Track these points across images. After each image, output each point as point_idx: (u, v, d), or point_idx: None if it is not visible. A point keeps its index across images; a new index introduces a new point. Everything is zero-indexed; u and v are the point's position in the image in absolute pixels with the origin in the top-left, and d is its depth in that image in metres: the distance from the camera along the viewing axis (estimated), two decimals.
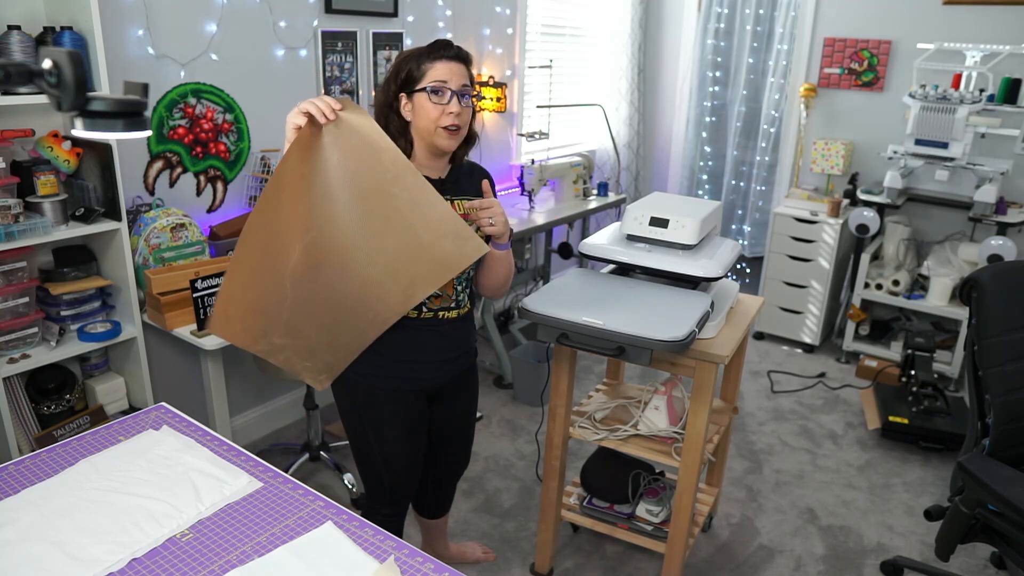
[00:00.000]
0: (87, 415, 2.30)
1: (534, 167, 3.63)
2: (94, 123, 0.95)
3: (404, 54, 1.66)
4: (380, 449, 1.80)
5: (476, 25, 3.66)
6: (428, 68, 1.62)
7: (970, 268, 3.68)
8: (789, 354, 4.06)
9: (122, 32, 2.32)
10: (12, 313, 2.10)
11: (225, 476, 1.43)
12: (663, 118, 5.00)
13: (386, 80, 1.67)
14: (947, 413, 3.10)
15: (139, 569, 1.20)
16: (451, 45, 1.65)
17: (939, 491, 2.85)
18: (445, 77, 1.62)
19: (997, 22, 3.62)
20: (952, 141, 3.43)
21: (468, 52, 1.68)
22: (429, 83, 1.61)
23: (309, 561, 1.22)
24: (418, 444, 1.85)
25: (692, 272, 1.91)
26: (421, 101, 1.62)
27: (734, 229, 5.17)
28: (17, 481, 1.40)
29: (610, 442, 2.11)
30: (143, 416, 1.65)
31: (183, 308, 2.24)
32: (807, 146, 4.25)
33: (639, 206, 2.04)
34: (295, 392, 3.18)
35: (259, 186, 2.77)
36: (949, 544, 1.91)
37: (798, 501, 2.76)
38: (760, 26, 4.67)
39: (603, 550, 2.47)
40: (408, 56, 1.64)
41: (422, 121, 1.63)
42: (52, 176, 2.11)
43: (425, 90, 1.61)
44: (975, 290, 1.96)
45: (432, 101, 1.61)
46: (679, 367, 1.91)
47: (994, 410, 1.93)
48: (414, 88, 1.62)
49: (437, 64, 1.62)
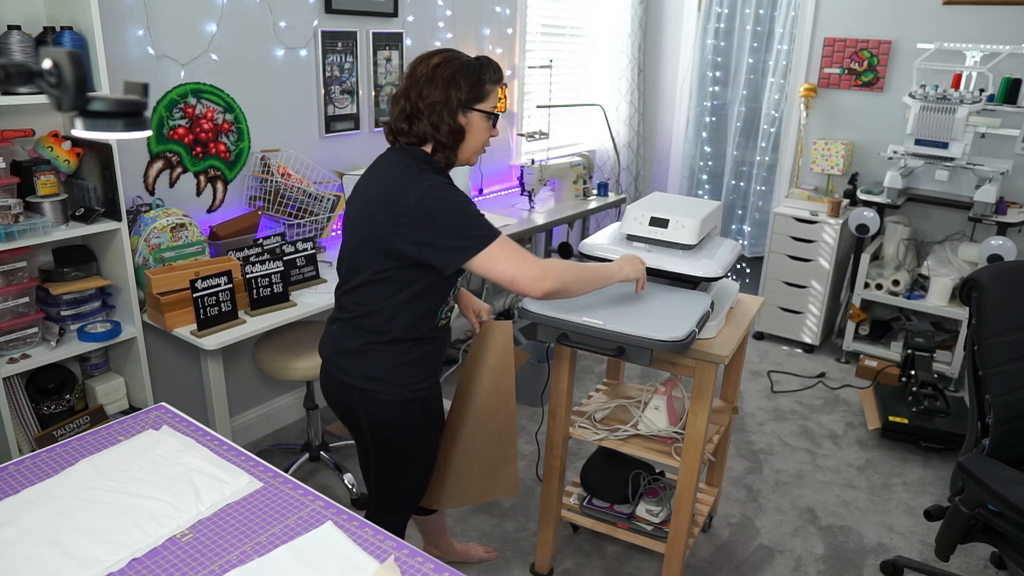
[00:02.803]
0: (87, 415, 2.30)
1: (534, 167, 3.63)
2: (94, 123, 0.95)
3: (469, 64, 1.61)
4: (427, 459, 1.81)
5: (476, 25, 3.66)
6: (491, 91, 1.63)
7: (970, 268, 3.68)
8: (789, 354, 4.06)
9: (122, 32, 2.32)
10: (12, 313, 2.10)
11: (225, 476, 1.43)
12: (663, 118, 5.00)
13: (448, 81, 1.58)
14: (947, 413, 3.10)
15: (139, 569, 1.20)
16: (500, 68, 1.68)
17: (939, 491, 2.85)
18: (498, 104, 1.67)
19: (997, 22, 3.63)
20: (952, 141, 3.43)
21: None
22: (491, 108, 1.64)
23: (309, 561, 1.22)
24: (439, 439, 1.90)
25: (692, 272, 1.91)
26: (477, 121, 1.63)
27: (734, 229, 5.17)
28: (17, 481, 1.40)
29: (610, 442, 2.11)
30: (143, 416, 1.65)
31: (183, 308, 2.24)
32: (807, 146, 4.25)
33: (639, 206, 2.04)
34: (295, 392, 3.18)
35: (259, 186, 2.77)
36: (949, 544, 1.91)
37: (798, 501, 2.76)
38: (760, 26, 4.67)
39: (603, 550, 2.47)
40: (476, 69, 1.61)
41: (475, 139, 1.65)
42: (52, 176, 2.11)
43: (487, 114, 1.63)
44: (975, 290, 1.96)
45: (486, 125, 1.64)
46: (679, 367, 1.91)
47: (994, 410, 1.93)
48: (474, 106, 1.61)
49: (497, 89, 1.65)
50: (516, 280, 1.55)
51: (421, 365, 1.70)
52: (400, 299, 1.61)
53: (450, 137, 1.61)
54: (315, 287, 2.55)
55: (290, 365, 2.41)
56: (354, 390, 1.70)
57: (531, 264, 1.55)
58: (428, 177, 1.55)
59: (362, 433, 1.79)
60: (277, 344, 2.51)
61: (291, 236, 2.75)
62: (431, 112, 1.58)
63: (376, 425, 1.73)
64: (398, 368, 1.67)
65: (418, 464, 1.81)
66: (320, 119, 3.00)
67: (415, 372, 1.69)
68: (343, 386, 1.72)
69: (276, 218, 2.77)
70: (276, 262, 2.35)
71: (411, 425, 1.73)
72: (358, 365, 1.68)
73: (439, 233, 1.52)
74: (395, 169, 1.59)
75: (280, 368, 2.42)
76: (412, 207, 1.52)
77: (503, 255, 1.53)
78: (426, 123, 1.58)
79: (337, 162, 3.11)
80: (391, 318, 1.63)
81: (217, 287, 2.21)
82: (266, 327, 2.29)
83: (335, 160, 3.10)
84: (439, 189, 1.54)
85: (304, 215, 2.78)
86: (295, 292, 2.49)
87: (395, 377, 1.67)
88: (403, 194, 1.53)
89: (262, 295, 2.33)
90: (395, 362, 1.67)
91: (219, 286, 2.22)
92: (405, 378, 1.68)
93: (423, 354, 1.69)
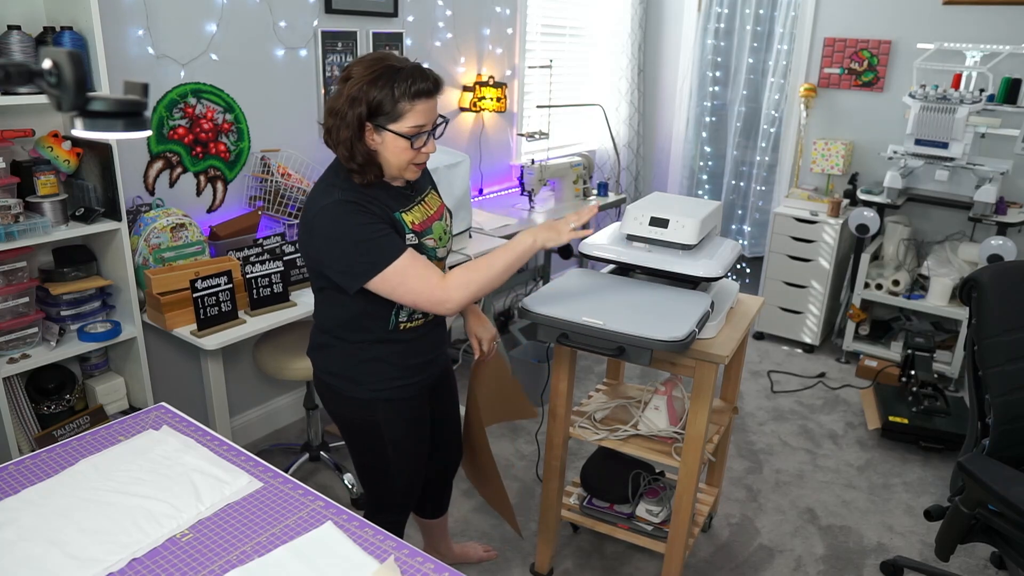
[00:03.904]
0: (87, 415, 2.30)
1: (534, 167, 3.63)
2: (94, 123, 0.95)
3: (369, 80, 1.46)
4: (398, 460, 1.79)
5: (476, 25, 3.66)
6: (406, 110, 1.48)
7: (970, 268, 3.68)
8: (789, 354, 4.06)
9: (122, 32, 2.32)
10: (12, 313, 2.10)
11: (225, 476, 1.43)
12: (663, 118, 5.00)
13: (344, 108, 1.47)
14: (947, 413, 3.10)
15: (139, 569, 1.20)
16: (428, 78, 1.50)
17: (939, 491, 2.85)
18: (423, 121, 1.51)
19: (997, 22, 3.62)
20: (952, 141, 3.43)
21: (439, 76, 1.55)
22: (407, 129, 1.49)
23: (309, 561, 1.22)
24: (427, 444, 1.86)
25: (692, 272, 1.91)
26: (394, 141, 1.51)
27: (734, 229, 5.17)
28: (17, 481, 1.40)
29: (610, 442, 2.11)
30: (143, 416, 1.65)
31: (183, 308, 2.24)
32: (807, 146, 4.25)
33: (639, 206, 2.04)
34: (295, 392, 3.19)
35: (259, 186, 2.77)
36: (949, 544, 1.91)
37: (798, 501, 2.76)
38: (760, 26, 4.67)
39: (603, 550, 2.47)
40: (376, 85, 1.46)
41: (394, 159, 1.53)
42: (52, 176, 2.11)
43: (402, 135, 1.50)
44: (975, 290, 1.96)
45: (404, 144, 1.51)
46: (679, 367, 1.91)
47: (994, 410, 1.93)
48: (385, 126, 1.49)
49: (417, 106, 1.48)
50: (419, 305, 1.54)
51: (386, 364, 1.67)
52: (348, 308, 1.62)
53: (365, 160, 1.52)
54: None
55: (290, 365, 2.41)
56: (321, 383, 1.75)
57: (432, 288, 1.51)
58: (331, 195, 1.51)
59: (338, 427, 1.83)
60: (277, 344, 2.51)
61: (291, 236, 2.74)
62: (338, 131, 1.50)
63: (340, 418, 1.77)
64: (359, 365, 1.67)
65: (391, 466, 1.78)
66: (320, 119, 3.00)
67: (379, 371, 1.67)
68: (317, 379, 1.77)
69: (276, 218, 2.77)
70: (276, 262, 2.35)
71: (375, 425, 1.72)
72: (323, 360, 1.72)
73: (332, 255, 1.52)
74: (319, 182, 1.58)
75: (280, 368, 2.42)
76: (311, 225, 1.52)
77: (400, 281, 1.50)
78: (342, 148, 1.51)
79: None
80: (343, 323, 1.65)
81: (217, 287, 2.21)
82: (266, 327, 2.29)
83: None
84: (334, 210, 1.49)
85: None
86: (295, 292, 2.49)
87: (355, 374, 1.68)
88: (309, 210, 1.54)
89: (262, 295, 2.33)
90: (355, 359, 1.67)
91: (219, 286, 2.22)
92: (366, 376, 1.67)
93: (387, 353, 1.67)
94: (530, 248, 1.60)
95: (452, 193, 2.78)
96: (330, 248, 1.51)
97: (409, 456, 1.80)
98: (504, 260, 1.58)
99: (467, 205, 2.96)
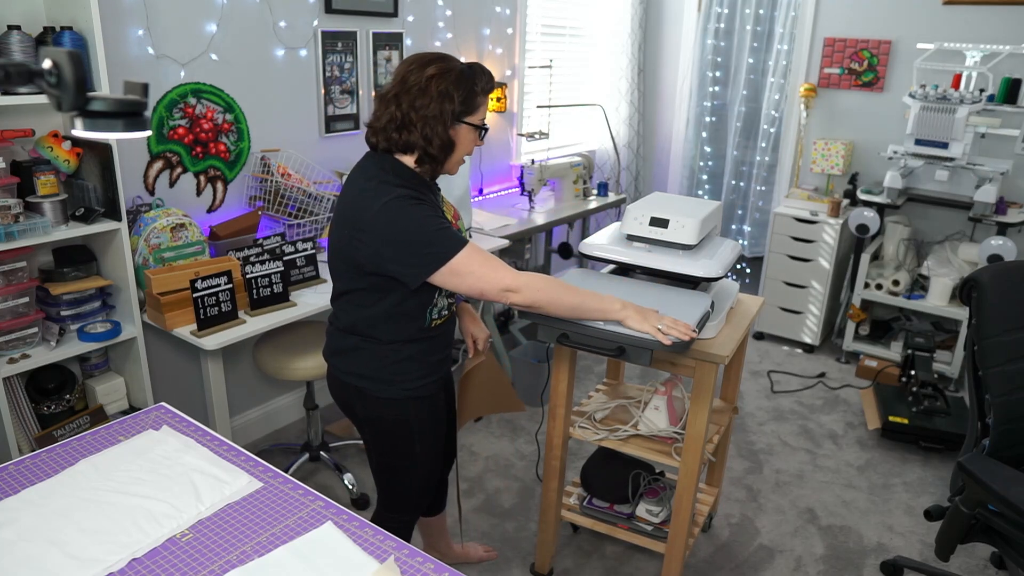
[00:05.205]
0: (87, 415, 2.30)
1: (534, 167, 3.63)
2: (94, 123, 0.95)
3: (463, 75, 1.57)
4: (424, 457, 1.79)
5: (476, 25, 3.66)
6: (482, 103, 1.61)
7: (970, 268, 3.68)
8: (789, 354, 4.06)
9: (122, 32, 2.32)
10: (12, 313, 2.10)
11: (225, 476, 1.43)
12: (663, 118, 5.00)
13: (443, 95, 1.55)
14: (947, 413, 3.10)
15: (139, 569, 1.20)
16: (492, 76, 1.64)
17: (939, 491, 2.85)
18: (485, 114, 1.64)
19: (997, 22, 3.62)
20: (952, 141, 3.43)
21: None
22: (480, 120, 1.62)
23: (309, 561, 1.22)
24: (443, 440, 1.88)
25: (692, 272, 1.91)
26: (466, 133, 1.61)
27: (734, 229, 5.17)
28: (17, 481, 1.40)
29: (610, 442, 2.11)
30: (143, 416, 1.65)
31: (183, 308, 2.24)
32: (807, 146, 4.25)
33: (639, 206, 2.04)
34: (295, 392, 3.18)
35: (259, 186, 2.77)
36: (949, 544, 1.91)
37: (798, 501, 2.76)
38: (760, 26, 4.67)
39: (603, 550, 2.47)
40: (470, 79, 1.58)
41: (460, 152, 1.63)
42: (52, 176, 2.11)
43: (476, 127, 1.61)
44: (975, 290, 1.96)
45: (474, 136, 1.63)
46: (679, 367, 1.91)
47: (994, 410, 1.93)
48: (464, 119, 1.59)
49: (487, 99, 1.63)
50: (485, 293, 1.55)
51: (415, 363, 1.69)
52: (381, 308, 1.62)
53: (441, 151, 1.59)
54: (315, 287, 2.56)
55: (290, 365, 2.41)
56: (350, 387, 1.72)
57: (501, 276, 1.54)
58: (389, 191, 1.53)
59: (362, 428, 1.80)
60: (277, 344, 2.51)
61: (291, 236, 2.75)
62: (424, 125, 1.55)
63: (371, 420, 1.75)
64: (391, 366, 1.67)
65: (417, 464, 1.80)
66: (320, 119, 3.00)
67: (410, 370, 1.68)
68: (342, 384, 1.74)
69: (276, 218, 2.77)
70: (276, 262, 2.35)
71: (405, 423, 1.73)
72: (351, 363, 1.70)
73: (397, 249, 1.51)
74: (361, 181, 1.58)
75: (280, 368, 2.42)
76: (370, 222, 1.51)
77: (467, 270, 1.52)
78: (418, 135, 1.56)
79: (337, 162, 3.11)
80: (376, 325, 1.64)
81: (217, 287, 2.21)
82: (266, 327, 2.29)
83: (335, 160, 3.10)
84: (397, 205, 1.51)
85: (304, 215, 2.78)
86: (295, 292, 2.49)
87: (387, 375, 1.68)
88: (364, 208, 1.53)
89: (262, 295, 2.33)
90: (387, 360, 1.67)
91: (219, 286, 2.22)
92: (399, 376, 1.68)
93: (417, 352, 1.68)
94: (614, 311, 1.67)
95: (452, 193, 2.78)
96: (396, 242, 1.51)
97: (433, 452, 1.82)
98: (582, 299, 1.64)
99: (467, 205, 2.96)
